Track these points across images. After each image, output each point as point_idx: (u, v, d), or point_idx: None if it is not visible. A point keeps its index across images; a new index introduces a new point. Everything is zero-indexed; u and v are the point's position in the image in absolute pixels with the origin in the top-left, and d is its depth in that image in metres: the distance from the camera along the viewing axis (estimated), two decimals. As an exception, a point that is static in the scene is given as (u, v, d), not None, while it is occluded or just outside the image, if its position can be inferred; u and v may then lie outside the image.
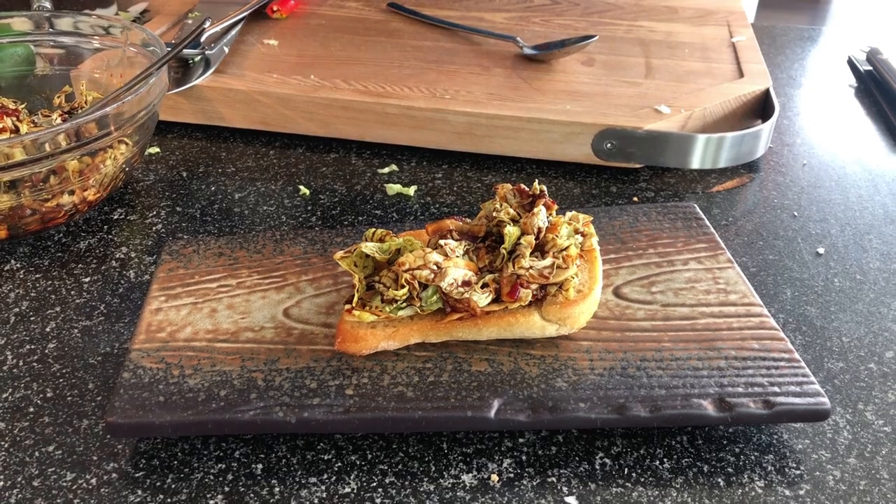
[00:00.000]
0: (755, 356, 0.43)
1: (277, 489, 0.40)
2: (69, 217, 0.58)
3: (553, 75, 0.74)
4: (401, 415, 0.40)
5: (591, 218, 0.49)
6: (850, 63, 0.90)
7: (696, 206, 0.57)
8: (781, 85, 0.86)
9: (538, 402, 0.41)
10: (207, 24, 0.71)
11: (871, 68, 0.86)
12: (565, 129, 0.66)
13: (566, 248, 0.45)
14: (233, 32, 0.80)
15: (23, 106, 0.66)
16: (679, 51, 0.81)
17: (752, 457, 0.41)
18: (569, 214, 0.48)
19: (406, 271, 0.42)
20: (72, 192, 0.57)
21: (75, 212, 0.58)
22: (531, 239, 0.45)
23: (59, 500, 0.39)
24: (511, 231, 0.44)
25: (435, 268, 0.42)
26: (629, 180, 0.67)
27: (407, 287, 0.42)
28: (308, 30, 0.86)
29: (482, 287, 0.43)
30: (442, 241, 0.45)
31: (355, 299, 0.43)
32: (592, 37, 0.78)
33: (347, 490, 0.40)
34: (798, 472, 0.41)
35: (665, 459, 0.41)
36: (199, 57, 0.74)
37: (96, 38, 0.69)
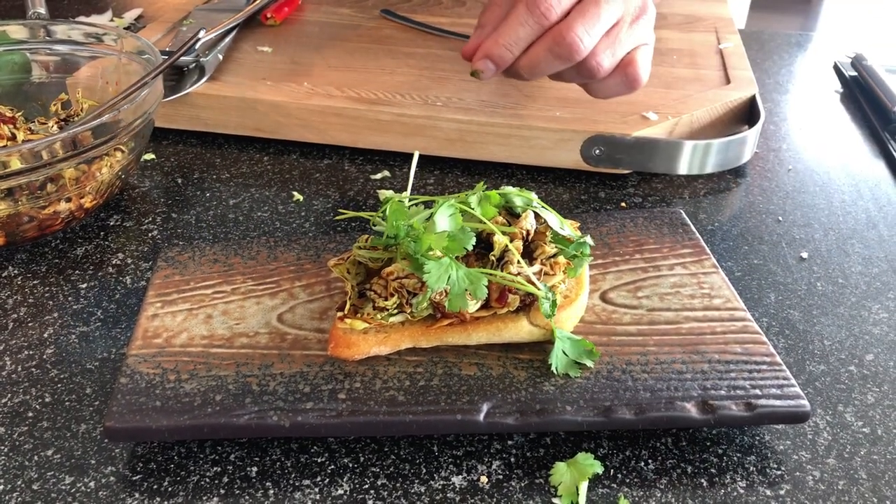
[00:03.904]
0: (738, 360, 0.45)
1: (272, 491, 0.41)
2: (66, 224, 0.59)
3: (543, 82, 0.75)
4: (392, 418, 0.41)
5: (579, 223, 0.51)
6: (836, 69, 0.92)
7: (682, 211, 0.58)
8: (768, 90, 0.87)
9: (526, 406, 0.42)
10: (202, 33, 0.72)
11: (856, 74, 0.88)
12: (555, 136, 0.67)
13: (554, 256, 0.46)
14: (227, 40, 0.81)
15: (19, 113, 0.67)
16: (667, 57, 0.82)
17: (735, 458, 0.43)
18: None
19: (394, 280, 0.43)
20: (68, 200, 0.57)
21: (72, 219, 0.59)
22: (519, 244, 0.46)
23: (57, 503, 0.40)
24: (500, 239, 0.45)
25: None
26: (617, 186, 0.68)
27: (396, 296, 0.43)
28: (301, 37, 0.87)
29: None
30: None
31: (347, 307, 0.44)
32: (582, 44, 0.79)
33: (340, 492, 0.41)
34: (779, 472, 0.42)
35: (650, 461, 0.42)
36: (193, 64, 0.75)
37: (91, 45, 0.70)
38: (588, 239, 0.47)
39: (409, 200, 0.47)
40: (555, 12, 0.55)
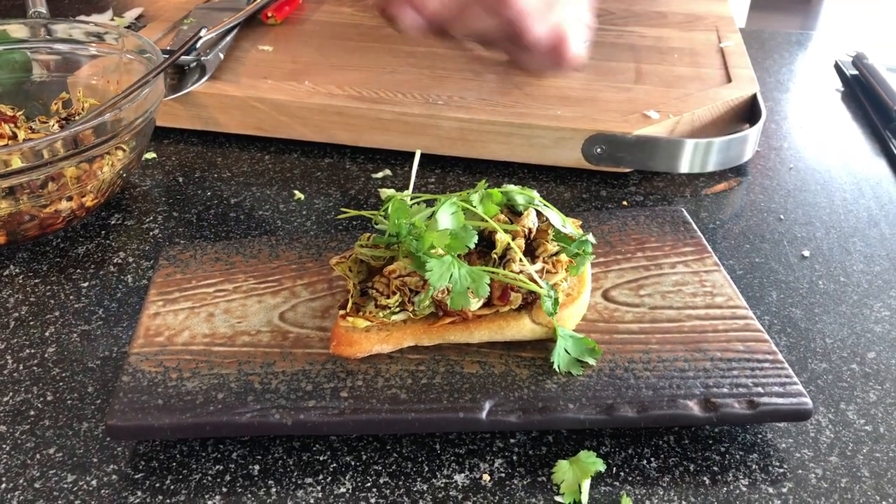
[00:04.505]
0: (740, 357, 0.45)
1: (274, 490, 0.41)
2: (67, 223, 0.59)
3: (544, 80, 0.75)
4: (394, 416, 0.41)
5: (581, 222, 0.51)
6: (837, 67, 0.92)
7: (683, 210, 0.58)
8: (769, 89, 0.87)
9: (528, 404, 0.42)
10: (203, 32, 0.72)
11: (857, 73, 0.88)
12: (556, 135, 0.67)
13: (556, 254, 0.46)
14: (228, 38, 0.81)
15: (20, 112, 0.67)
16: (668, 56, 0.82)
17: (737, 456, 0.43)
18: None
19: (396, 278, 0.43)
20: (70, 199, 0.57)
21: (73, 217, 0.59)
22: (521, 242, 0.46)
23: (60, 502, 0.40)
24: (502, 237, 0.45)
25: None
26: (619, 184, 0.68)
27: (398, 294, 0.43)
28: (302, 35, 0.87)
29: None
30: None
31: (349, 305, 0.44)
32: (583, 42, 0.79)
33: (343, 490, 0.41)
34: (781, 470, 0.42)
35: (652, 459, 0.42)
36: (194, 63, 0.75)
37: (92, 44, 0.70)
38: (590, 237, 0.47)
39: (411, 199, 0.47)
40: None
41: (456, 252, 0.43)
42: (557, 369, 0.43)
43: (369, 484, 0.41)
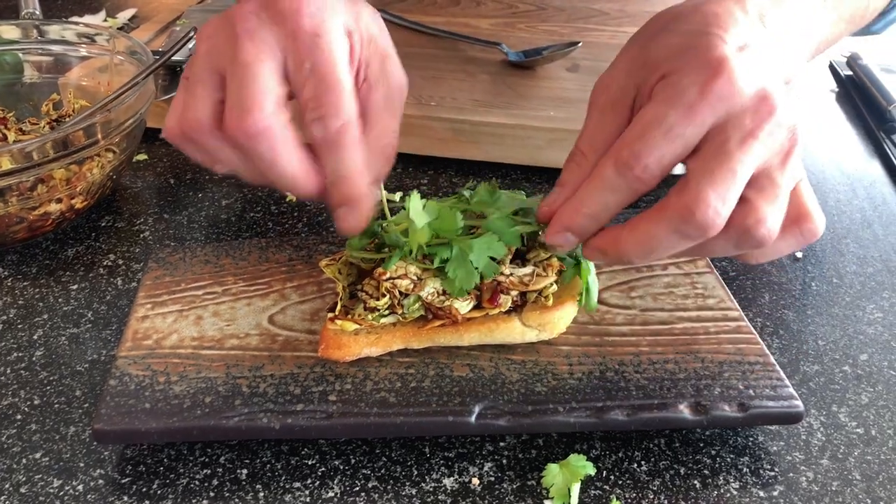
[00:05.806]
0: (731, 360, 0.44)
1: (262, 494, 0.40)
2: (57, 225, 0.59)
3: (537, 81, 0.75)
4: (383, 420, 0.41)
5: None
6: (831, 68, 0.91)
7: (676, 211, 0.58)
8: (764, 90, 0.87)
9: (518, 407, 0.42)
10: (193, 34, 0.72)
11: (851, 73, 0.87)
12: (549, 136, 0.67)
13: (548, 258, 0.46)
14: (220, 39, 0.81)
15: (11, 114, 0.67)
16: (662, 57, 0.82)
17: (728, 459, 0.42)
18: None
19: (387, 280, 0.43)
20: (59, 200, 0.57)
21: (63, 220, 0.59)
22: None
23: (46, 507, 0.40)
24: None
25: (415, 277, 0.43)
26: (612, 186, 0.67)
27: (388, 296, 0.43)
28: (295, 36, 0.86)
29: (463, 294, 0.44)
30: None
31: (338, 307, 0.44)
32: (577, 43, 0.79)
33: (331, 494, 0.40)
34: (772, 473, 0.41)
35: (643, 462, 0.42)
36: (186, 64, 0.74)
37: (84, 45, 0.70)
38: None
39: (387, 200, 0.46)
40: (652, 173, 0.39)
41: (446, 234, 0.42)
42: (588, 309, 0.45)
43: (357, 488, 0.41)
